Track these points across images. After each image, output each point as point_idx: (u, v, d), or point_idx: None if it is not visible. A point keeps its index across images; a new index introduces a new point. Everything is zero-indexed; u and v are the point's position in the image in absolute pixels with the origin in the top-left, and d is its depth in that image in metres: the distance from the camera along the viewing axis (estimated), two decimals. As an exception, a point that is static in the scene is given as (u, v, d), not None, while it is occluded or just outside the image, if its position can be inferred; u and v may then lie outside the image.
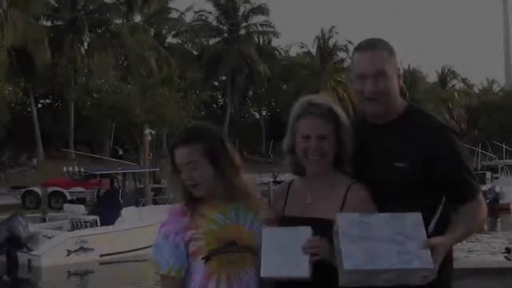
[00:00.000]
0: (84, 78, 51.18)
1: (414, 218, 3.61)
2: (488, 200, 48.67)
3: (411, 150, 3.98)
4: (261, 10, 74.59)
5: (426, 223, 3.89)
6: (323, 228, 3.69)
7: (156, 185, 45.34)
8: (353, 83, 4.17)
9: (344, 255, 3.48)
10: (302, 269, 3.62)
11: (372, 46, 4.09)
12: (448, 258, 4.06)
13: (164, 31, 70.40)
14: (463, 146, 4.10)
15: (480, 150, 66.49)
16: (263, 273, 3.71)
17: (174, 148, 4.00)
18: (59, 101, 67.43)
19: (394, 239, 3.54)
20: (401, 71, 4.19)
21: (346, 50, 74.38)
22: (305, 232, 3.70)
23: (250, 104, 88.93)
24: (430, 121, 4.12)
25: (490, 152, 66.92)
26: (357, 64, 4.10)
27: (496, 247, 30.00)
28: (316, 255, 3.65)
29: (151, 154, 48.40)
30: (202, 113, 48.71)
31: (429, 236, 3.80)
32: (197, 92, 51.92)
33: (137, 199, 29.62)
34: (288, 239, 3.70)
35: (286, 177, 4.37)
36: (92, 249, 26.33)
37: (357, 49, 4.15)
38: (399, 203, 3.81)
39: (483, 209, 4.04)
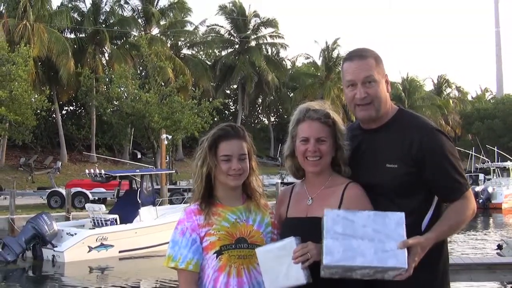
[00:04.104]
0: (105, 87, 51.23)
1: (397, 218, 3.61)
2: (481, 200, 48.89)
3: (402, 151, 3.99)
4: (270, 23, 74.72)
5: (420, 221, 3.89)
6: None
7: (172, 186, 45.36)
8: (344, 91, 4.18)
9: (324, 251, 3.55)
10: (298, 278, 3.70)
11: (360, 54, 4.10)
12: (441, 253, 4.05)
13: (179, 43, 70.42)
14: (452, 146, 4.09)
15: (473, 154, 66.49)
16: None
17: (225, 139, 4.08)
18: (82, 108, 67.57)
19: (374, 237, 3.56)
20: (388, 77, 4.18)
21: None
22: (291, 243, 3.75)
23: (259, 110, 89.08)
24: (420, 123, 4.11)
25: (483, 155, 66.80)
26: (346, 73, 4.12)
27: (489, 244, 29.95)
28: (307, 260, 3.68)
29: (167, 157, 48.41)
30: (215, 119, 48.61)
31: (423, 233, 3.80)
32: (210, 100, 51.86)
33: (154, 199, 29.53)
34: (278, 253, 3.77)
35: (294, 178, 4.36)
36: (112, 246, 26.34)
37: (346, 59, 4.18)
38: (392, 203, 3.80)
39: (471, 206, 4.02)
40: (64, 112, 68.52)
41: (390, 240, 3.54)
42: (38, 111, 43.87)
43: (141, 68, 60.45)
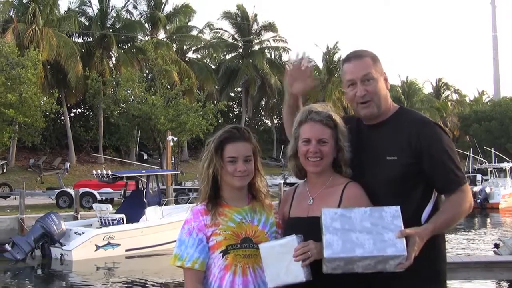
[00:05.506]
0: (112, 90, 51.25)
1: (393, 211, 3.63)
2: (479, 200, 48.93)
3: (401, 144, 4.02)
4: (270, 27, 74.77)
5: (419, 214, 3.91)
6: None
7: (177, 187, 45.33)
8: (346, 92, 4.23)
9: (325, 245, 3.56)
10: (298, 275, 3.73)
11: (357, 55, 4.18)
12: (438, 252, 4.06)
13: (185, 47, 70.45)
14: (450, 139, 4.13)
15: (471, 155, 66.52)
16: (269, 284, 3.84)
17: (231, 141, 4.09)
18: (90, 110, 67.56)
19: (372, 230, 3.57)
20: (387, 75, 4.23)
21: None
22: (292, 241, 3.77)
23: (262, 113, 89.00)
24: (418, 118, 4.16)
25: (480, 157, 66.81)
26: (346, 73, 4.19)
27: (486, 243, 29.94)
28: (307, 258, 3.70)
29: (173, 158, 48.41)
30: (219, 121, 48.61)
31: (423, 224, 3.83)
32: (215, 102, 51.76)
33: (160, 199, 29.59)
34: (280, 250, 3.79)
35: (296, 179, 4.37)
36: (118, 245, 26.39)
37: (344, 60, 4.24)
38: (392, 197, 3.81)
39: (468, 200, 4.01)
40: (72, 114, 68.45)
41: (388, 231, 3.56)
42: (47, 113, 44.05)
43: (147, 72, 60.40)
